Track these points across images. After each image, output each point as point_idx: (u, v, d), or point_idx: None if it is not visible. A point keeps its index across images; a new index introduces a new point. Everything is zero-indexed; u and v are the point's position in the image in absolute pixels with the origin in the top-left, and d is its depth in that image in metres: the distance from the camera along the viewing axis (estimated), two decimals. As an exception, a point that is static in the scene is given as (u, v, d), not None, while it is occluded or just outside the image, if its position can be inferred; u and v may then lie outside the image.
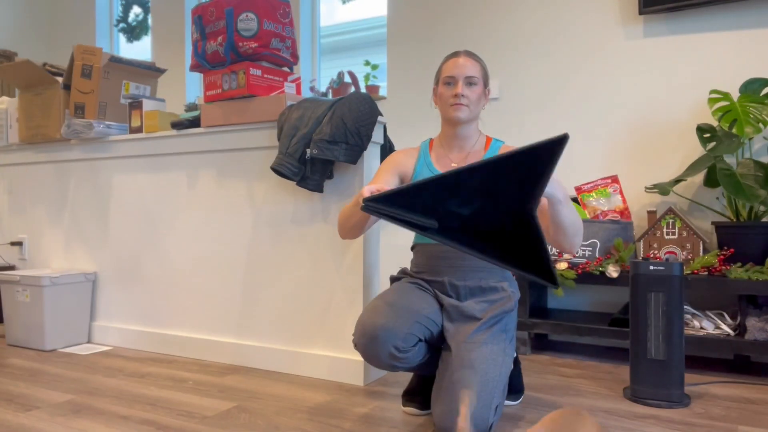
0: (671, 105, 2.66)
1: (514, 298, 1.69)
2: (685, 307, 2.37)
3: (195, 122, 2.40)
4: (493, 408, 1.45)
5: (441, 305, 1.70)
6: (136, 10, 4.99)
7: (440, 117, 1.73)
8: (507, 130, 3.04)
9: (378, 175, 1.76)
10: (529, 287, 2.46)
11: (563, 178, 2.88)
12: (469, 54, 1.71)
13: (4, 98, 3.02)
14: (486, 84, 1.73)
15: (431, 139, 1.83)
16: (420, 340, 1.60)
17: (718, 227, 2.33)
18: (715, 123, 2.55)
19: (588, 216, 2.55)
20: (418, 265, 1.78)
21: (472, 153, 1.74)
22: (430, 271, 1.74)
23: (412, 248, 1.81)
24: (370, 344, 1.53)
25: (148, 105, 2.56)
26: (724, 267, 2.18)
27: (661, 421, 1.68)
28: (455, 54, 1.71)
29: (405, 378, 2.14)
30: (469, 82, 1.67)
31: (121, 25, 5.01)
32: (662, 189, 2.39)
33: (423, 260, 1.76)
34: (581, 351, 2.58)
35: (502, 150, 1.73)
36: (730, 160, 2.52)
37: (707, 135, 2.34)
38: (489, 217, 1.31)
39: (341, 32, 3.98)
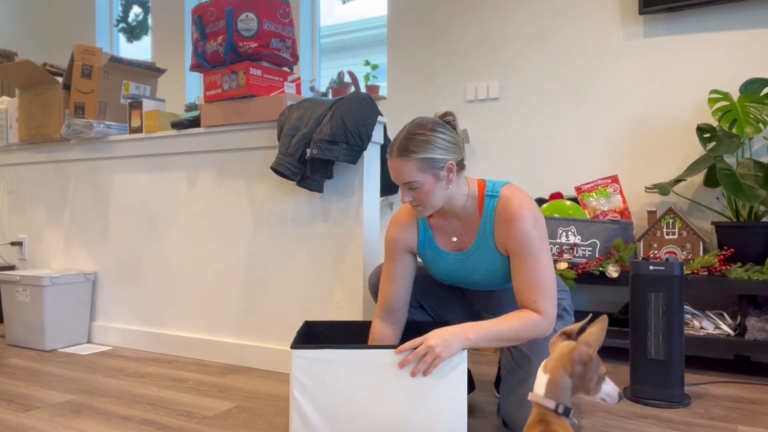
0: (671, 105, 2.66)
1: (562, 304, 1.68)
2: (685, 307, 2.36)
3: (195, 122, 2.40)
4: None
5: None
6: (136, 10, 4.99)
7: None
8: (507, 130, 3.04)
9: (393, 260, 1.58)
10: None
11: (563, 179, 2.88)
12: (401, 152, 1.38)
13: (4, 98, 3.02)
14: (437, 169, 1.39)
15: None
16: (421, 306, 1.71)
17: (718, 227, 2.33)
18: (715, 123, 2.55)
19: (588, 216, 2.55)
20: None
21: (471, 225, 1.50)
22: (471, 302, 1.76)
23: None
24: (372, 276, 1.75)
25: (148, 105, 2.56)
26: (724, 267, 2.18)
27: (661, 421, 1.68)
28: (390, 152, 1.42)
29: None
30: (409, 187, 1.40)
31: (121, 25, 5.01)
32: (662, 189, 2.39)
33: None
34: (581, 351, 2.58)
35: (498, 216, 1.44)
36: (730, 160, 2.52)
37: (707, 135, 2.34)
38: None
39: (341, 32, 3.98)
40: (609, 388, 1.04)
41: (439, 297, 1.73)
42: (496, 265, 1.49)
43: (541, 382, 1.02)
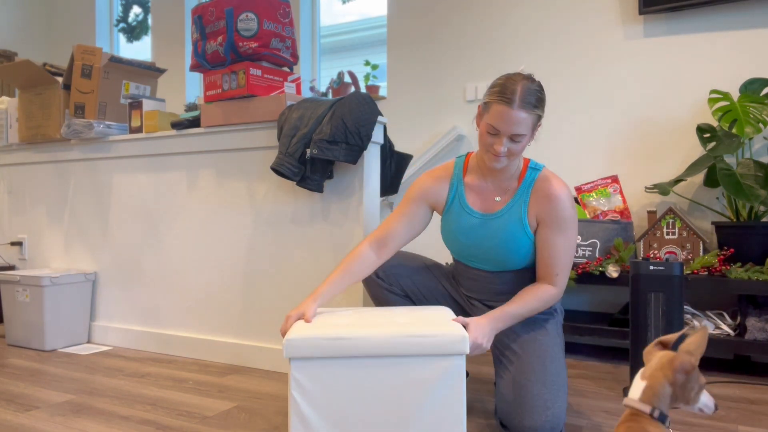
0: (671, 105, 2.66)
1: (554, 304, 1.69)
2: (685, 307, 2.36)
3: (195, 122, 2.40)
4: (564, 405, 1.47)
5: (462, 307, 1.77)
6: (136, 10, 4.99)
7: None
8: (507, 130, 3.04)
9: (406, 204, 1.64)
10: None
11: (563, 179, 2.88)
12: (525, 104, 1.42)
13: (4, 98, 3.02)
14: (536, 125, 1.49)
15: (467, 156, 1.66)
16: (406, 295, 1.73)
17: (718, 227, 2.33)
18: (715, 123, 2.55)
19: (588, 216, 2.55)
20: (456, 277, 1.78)
21: (509, 188, 1.59)
22: (465, 287, 1.75)
23: (454, 261, 1.77)
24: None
25: (148, 105, 2.56)
26: (724, 267, 2.18)
27: (661, 421, 1.68)
28: (509, 100, 1.42)
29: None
30: (515, 139, 1.46)
31: (121, 25, 5.01)
32: (662, 189, 2.39)
33: (458, 277, 1.76)
34: (581, 351, 2.58)
35: (536, 188, 1.55)
36: (730, 160, 2.52)
37: (707, 135, 2.34)
38: None
39: (341, 32, 3.98)
40: (706, 399, 1.04)
41: (426, 287, 1.73)
42: (518, 234, 1.56)
43: (637, 388, 1.02)
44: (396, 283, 1.71)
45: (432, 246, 3.17)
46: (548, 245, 1.54)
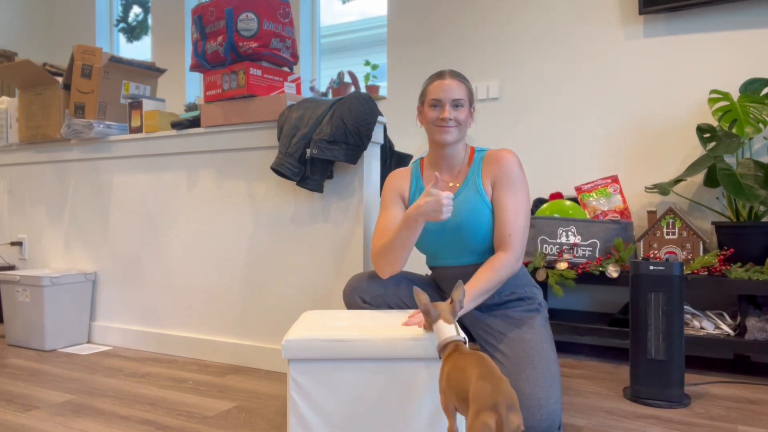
0: (671, 105, 2.66)
1: (537, 299, 1.71)
2: (685, 307, 2.36)
3: (195, 122, 2.40)
4: (559, 400, 1.47)
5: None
6: (136, 10, 4.99)
7: (427, 137, 1.71)
8: (507, 130, 3.04)
9: (387, 207, 1.73)
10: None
11: (563, 179, 2.88)
12: (455, 75, 1.65)
13: (4, 98, 3.02)
14: (471, 103, 1.67)
15: (422, 159, 1.78)
16: (390, 307, 1.74)
17: (718, 227, 2.33)
18: (715, 123, 2.55)
19: (588, 216, 2.55)
20: (437, 283, 1.80)
21: (461, 171, 1.69)
22: (447, 290, 1.76)
23: (431, 269, 1.80)
24: (345, 290, 1.76)
25: (148, 105, 2.56)
26: (724, 267, 2.18)
27: (661, 421, 1.68)
28: (440, 75, 1.64)
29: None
30: (456, 104, 1.61)
31: (121, 25, 5.01)
32: (662, 189, 2.39)
33: (439, 282, 1.78)
34: (581, 351, 2.58)
35: (486, 159, 1.66)
36: (730, 160, 2.52)
37: (707, 135, 2.34)
38: None
39: (341, 32, 3.98)
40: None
41: (411, 300, 1.73)
42: (478, 204, 1.63)
43: (451, 327, 1.24)
44: (384, 304, 1.72)
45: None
46: (500, 206, 1.60)
